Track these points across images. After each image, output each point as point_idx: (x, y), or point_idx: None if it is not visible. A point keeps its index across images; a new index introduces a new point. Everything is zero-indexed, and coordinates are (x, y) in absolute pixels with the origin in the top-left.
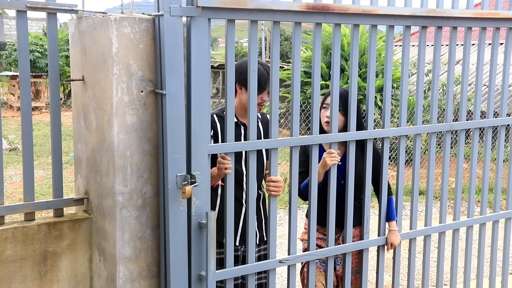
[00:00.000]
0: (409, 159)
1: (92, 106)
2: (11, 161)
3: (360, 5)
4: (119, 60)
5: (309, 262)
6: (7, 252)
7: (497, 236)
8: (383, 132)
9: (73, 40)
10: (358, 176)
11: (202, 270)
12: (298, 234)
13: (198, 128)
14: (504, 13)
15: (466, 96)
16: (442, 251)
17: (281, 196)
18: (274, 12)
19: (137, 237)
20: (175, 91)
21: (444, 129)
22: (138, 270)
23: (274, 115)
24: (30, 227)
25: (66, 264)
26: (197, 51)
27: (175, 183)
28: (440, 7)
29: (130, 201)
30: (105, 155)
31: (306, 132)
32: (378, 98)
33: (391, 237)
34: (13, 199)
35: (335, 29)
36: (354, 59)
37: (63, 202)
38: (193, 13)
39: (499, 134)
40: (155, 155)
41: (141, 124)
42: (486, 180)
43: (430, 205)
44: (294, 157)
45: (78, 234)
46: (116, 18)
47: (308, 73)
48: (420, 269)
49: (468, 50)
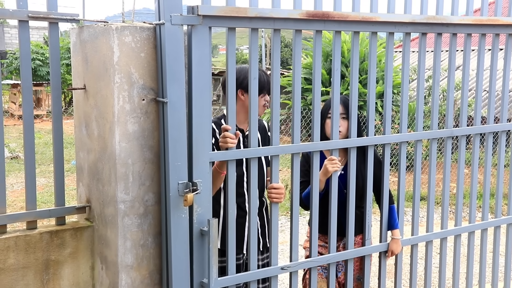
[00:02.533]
0: (410, 165)
1: (93, 114)
2: (13, 169)
3: (360, 13)
4: (120, 69)
5: (311, 269)
6: (9, 260)
7: (499, 242)
8: (384, 138)
9: (74, 49)
10: (360, 185)
11: (204, 278)
12: (300, 241)
13: (199, 135)
14: (503, 19)
15: (467, 101)
16: (444, 257)
17: (282, 203)
18: (274, 20)
19: (139, 245)
20: (176, 99)
21: (445, 135)
22: (140, 278)
23: (275, 121)
24: (32, 235)
25: (68, 272)
26: (198, 59)
27: (177, 191)
28: (439, 14)
29: (132, 209)
30: (107, 163)
31: (307, 138)
32: (379, 104)
33: (393, 245)
34: (14, 207)
35: (335, 36)
36: (355, 66)
37: (65, 210)
38: (194, 21)
39: (500, 139)
40: (157, 163)
41: (143, 132)
42: (488, 185)
43: (432, 210)
44: (295, 163)
45: (80, 242)
46: (117, 27)
47: (309, 80)
48: (422, 275)
49: (468, 56)
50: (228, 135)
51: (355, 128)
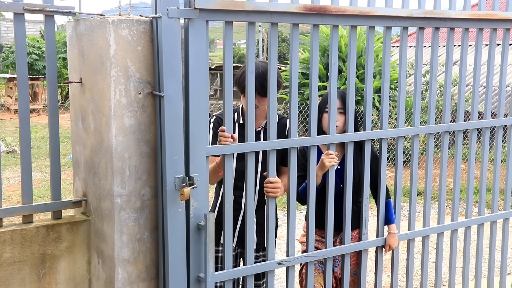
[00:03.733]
0: (407, 160)
1: (90, 108)
2: (9, 164)
3: (357, 7)
4: (117, 62)
5: (307, 263)
6: (5, 254)
7: (495, 237)
8: (381, 133)
9: (70, 42)
10: (357, 179)
11: (200, 272)
12: (297, 235)
13: (196, 130)
14: (501, 14)
15: (464, 96)
16: (440, 251)
17: (279, 198)
18: (271, 14)
19: (135, 239)
20: (173, 93)
21: (442, 130)
22: (136, 272)
23: (273, 116)
24: (28, 229)
25: (65, 266)
26: (195, 53)
27: (174, 185)
28: (437, 8)
29: (129, 203)
30: (103, 157)
31: (304, 133)
32: (376, 99)
33: (390, 239)
34: (10, 201)
35: (332, 30)
36: (352, 60)
37: (62, 204)
38: (191, 15)
39: (497, 134)
40: (153, 157)
41: (139, 126)
42: (484, 180)
43: (428, 206)
44: (292, 158)
45: (77, 236)
46: (113, 20)
47: (306, 75)
48: (419, 270)
49: (465, 51)
50: (224, 134)
51: (353, 123)
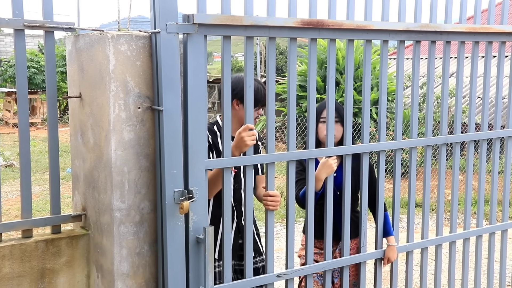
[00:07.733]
0: (404, 171)
1: (89, 122)
2: (7, 178)
3: (354, 21)
4: (116, 77)
5: (306, 276)
6: (4, 269)
7: (493, 248)
8: (378, 145)
9: (70, 58)
10: (353, 188)
11: (200, 286)
12: (295, 248)
13: (195, 143)
14: (496, 27)
15: (461, 108)
16: (439, 263)
17: (277, 210)
18: (269, 28)
19: (135, 253)
20: (172, 107)
21: (439, 142)
22: (136, 286)
23: (271, 129)
24: (27, 244)
25: (64, 280)
26: (193, 68)
27: (173, 199)
28: (433, 22)
29: (128, 217)
30: (103, 171)
31: (302, 145)
32: (374, 111)
33: (389, 252)
34: (9, 215)
35: (330, 44)
36: (349, 73)
37: (61, 218)
38: (189, 30)
39: (494, 146)
40: (153, 171)
41: (139, 140)
42: (482, 192)
43: (427, 217)
44: (290, 171)
45: (76, 250)
46: (113, 36)
47: (304, 87)
48: (418, 282)
49: (461, 63)
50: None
51: (350, 135)
